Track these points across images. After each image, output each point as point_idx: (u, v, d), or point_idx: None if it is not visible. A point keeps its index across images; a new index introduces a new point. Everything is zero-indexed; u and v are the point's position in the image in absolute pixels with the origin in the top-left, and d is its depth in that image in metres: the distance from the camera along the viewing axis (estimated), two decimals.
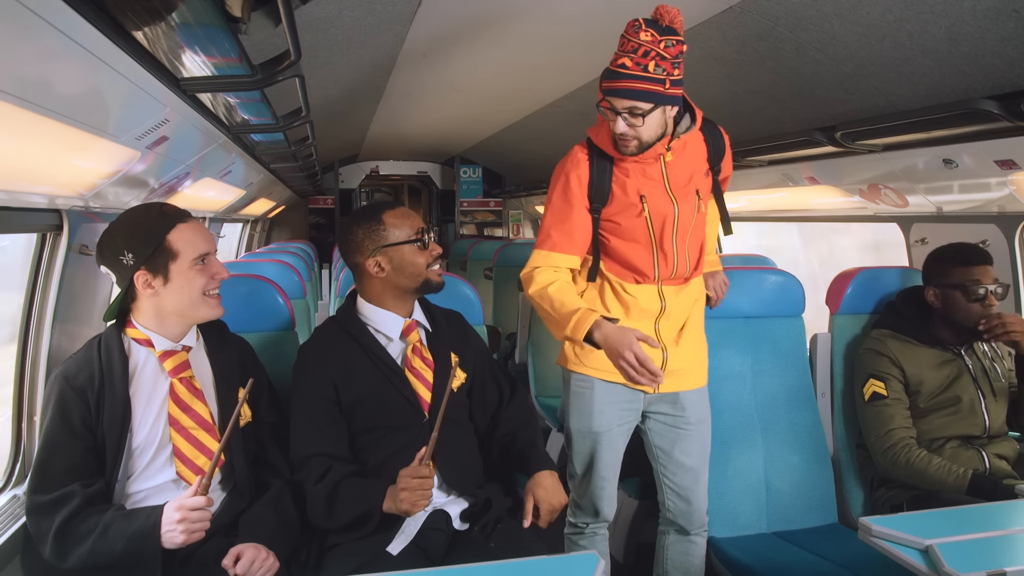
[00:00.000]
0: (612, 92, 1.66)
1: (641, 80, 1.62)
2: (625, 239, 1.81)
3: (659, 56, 1.61)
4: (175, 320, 1.57)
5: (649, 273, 1.82)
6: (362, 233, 1.70)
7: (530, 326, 3.67)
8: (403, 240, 1.69)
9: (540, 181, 6.52)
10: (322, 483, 1.59)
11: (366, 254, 1.69)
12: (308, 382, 1.68)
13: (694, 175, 1.81)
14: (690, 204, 1.81)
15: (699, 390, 1.92)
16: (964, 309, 2.04)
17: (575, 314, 1.68)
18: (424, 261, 1.71)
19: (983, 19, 1.64)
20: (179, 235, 1.54)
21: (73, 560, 1.40)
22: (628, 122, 1.67)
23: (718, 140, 1.86)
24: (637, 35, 1.61)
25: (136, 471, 1.51)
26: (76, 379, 1.49)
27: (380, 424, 1.67)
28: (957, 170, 2.21)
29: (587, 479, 1.91)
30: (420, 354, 1.72)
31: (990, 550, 1.26)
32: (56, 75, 1.24)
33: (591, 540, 1.97)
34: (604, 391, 1.86)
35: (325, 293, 5.56)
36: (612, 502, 1.95)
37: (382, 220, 1.70)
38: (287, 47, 1.53)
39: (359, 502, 1.57)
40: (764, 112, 2.67)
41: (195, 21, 1.41)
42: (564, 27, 2.61)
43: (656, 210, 1.78)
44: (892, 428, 2.04)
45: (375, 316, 1.73)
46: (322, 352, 1.70)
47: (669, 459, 1.91)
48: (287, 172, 4.66)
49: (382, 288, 1.72)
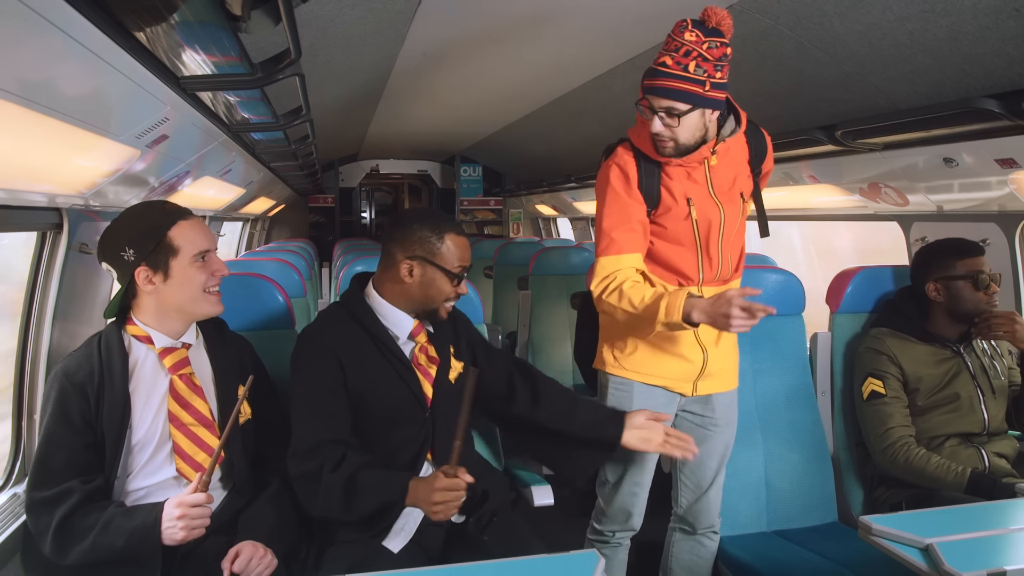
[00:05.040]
0: (650, 90, 1.64)
1: (680, 80, 1.60)
2: (670, 242, 1.78)
3: (701, 57, 1.58)
4: (175, 317, 1.57)
5: (693, 276, 1.80)
6: (420, 235, 1.65)
7: (530, 326, 3.68)
8: (446, 268, 1.66)
9: (540, 180, 6.52)
10: (338, 472, 1.53)
11: (408, 253, 1.65)
12: (315, 365, 1.62)
13: (737, 178, 1.79)
14: (735, 207, 1.79)
15: (730, 393, 1.92)
16: (972, 299, 2.06)
17: (662, 299, 1.63)
18: (447, 294, 1.68)
19: (983, 18, 1.64)
20: (180, 232, 1.54)
21: (73, 557, 1.40)
22: (664, 122, 1.65)
23: (760, 141, 1.84)
24: (682, 35, 1.59)
25: (136, 468, 1.52)
26: (76, 375, 1.50)
27: (384, 417, 1.66)
28: (957, 169, 2.21)
29: (619, 486, 1.89)
30: (427, 352, 1.71)
31: (990, 549, 1.26)
32: (56, 74, 1.24)
33: (615, 550, 1.95)
34: (643, 394, 1.85)
35: (325, 291, 5.56)
36: (642, 510, 1.92)
37: (443, 237, 1.66)
38: (287, 45, 1.53)
39: (380, 493, 1.53)
40: (764, 111, 2.67)
41: (195, 20, 1.41)
42: (564, 26, 2.61)
43: (702, 214, 1.75)
44: (891, 427, 2.04)
45: (386, 312, 1.70)
46: (331, 335, 1.65)
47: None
48: (287, 171, 4.66)
49: (400, 292, 1.69)
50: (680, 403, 1.88)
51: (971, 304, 2.06)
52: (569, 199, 6.56)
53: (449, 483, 1.49)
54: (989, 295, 2.05)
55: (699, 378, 1.85)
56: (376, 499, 1.53)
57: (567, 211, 7.24)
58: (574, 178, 5.45)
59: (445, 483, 1.49)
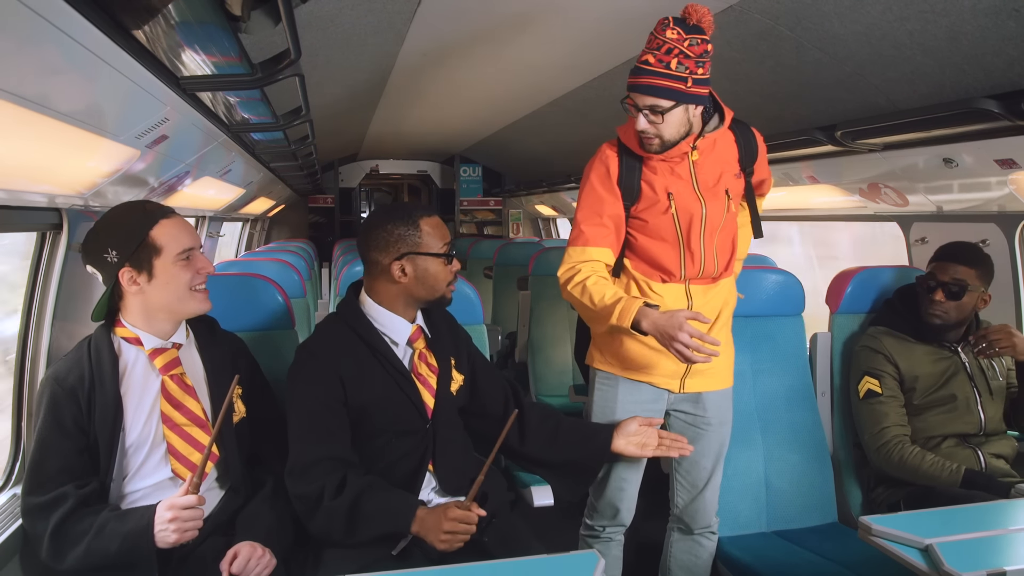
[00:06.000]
0: (634, 88, 1.66)
1: (662, 77, 1.62)
2: (652, 236, 1.80)
3: (682, 54, 1.60)
4: (163, 317, 1.57)
5: (675, 272, 1.81)
6: (396, 233, 1.62)
7: (530, 325, 3.67)
8: (434, 251, 1.64)
9: (540, 180, 6.52)
10: (341, 498, 1.50)
11: (392, 255, 1.63)
12: (315, 382, 1.59)
13: (723, 175, 1.80)
14: (719, 204, 1.79)
15: (723, 392, 1.91)
16: (921, 302, 2.09)
17: (618, 303, 1.66)
18: (446, 277, 1.67)
19: (983, 18, 1.64)
20: (162, 231, 1.53)
21: (69, 561, 1.40)
22: (649, 119, 1.66)
23: (750, 141, 1.85)
24: (663, 33, 1.61)
25: (131, 470, 1.51)
26: (66, 380, 1.49)
27: (386, 429, 1.64)
28: (957, 169, 2.21)
29: (607, 480, 1.90)
30: (426, 360, 1.70)
31: (990, 549, 1.26)
32: (56, 74, 1.24)
33: (607, 545, 1.96)
34: (628, 389, 1.86)
35: (325, 292, 5.57)
36: (631, 505, 1.93)
37: (419, 225, 1.63)
38: (287, 46, 1.52)
39: (385, 521, 1.51)
40: (764, 111, 2.67)
41: (195, 20, 1.42)
42: (564, 27, 2.61)
43: (683, 208, 1.77)
44: (886, 425, 2.04)
45: (383, 319, 1.67)
46: (330, 351, 1.63)
47: (685, 457, 1.90)
48: (287, 171, 4.66)
49: (397, 293, 1.66)
50: (669, 401, 1.89)
51: (920, 307, 2.09)
52: (569, 199, 6.56)
53: (462, 515, 1.48)
54: (932, 301, 2.05)
55: (686, 375, 1.85)
56: (382, 527, 1.51)
57: (567, 211, 7.24)
58: (574, 178, 5.45)
59: (458, 515, 1.48)
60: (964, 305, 2.04)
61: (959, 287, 2.02)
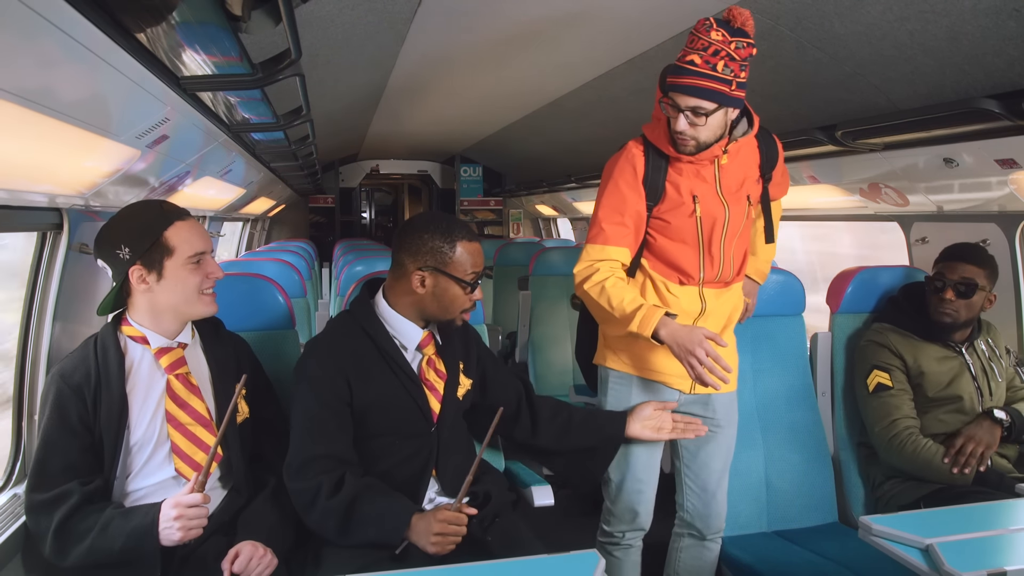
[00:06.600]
0: (677, 88, 1.63)
1: (709, 79, 1.60)
2: (673, 239, 1.78)
3: (729, 57, 1.59)
4: (169, 317, 1.57)
5: (694, 275, 1.79)
6: (430, 244, 1.61)
7: (530, 325, 3.67)
8: (457, 275, 1.62)
9: (540, 180, 6.52)
10: (337, 498, 1.51)
11: (419, 263, 1.62)
12: (321, 379, 1.59)
13: (746, 180, 1.80)
14: (740, 208, 1.79)
15: (730, 394, 1.91)
16: (930, 301, 2.09)
17: (639, 310, 1.65)
18: (462, 304, 1.66)
19: (984, 18, 1.64)
20: (176, 232, 1.54)
21: (73, 558, 1.40)
22: (690, 120, 1.64)
23: (771, 148, 1.85)
24: (708, 34, 1.59)
25: (135, 469, 1.52)
26: (72, 377, 1.50)
27: (390, 431, 1.64)
28: (957, 169, 2.21)
29: (624, 484, 1.89)
30: (434, 366, 1.70)
31: (990, 549, 1.26)
32: (57, 74, 1.24)
33: (627, 551, 1.95)
34: (642, 388, 1.86)
35: (325, 292, 5.56)
36: (650, 508, 1.92)
37: (455, 245, 1.62)
38: (287, 46, 1.52)
39: (380, 525, 1.51)
40: (764, 111, 2.66)
41: (195, 20, 1.41)
42: (564, 28, 2.61)
43: (707, 211, 1.75)
44: (897, 417, 2.04)
45: (396, 322, 1.67)
46: (339, 350, 1.62)
47: (694, 460, 1.90)
48: (287, 171, 4.66)
49: (411, 302, 1.66)
50: (679, 404, 1.88)
51: (929, 307, 2.10)
52: (569, 199, 6.56)
53: (451, 516, 1.49)
54: (942, 300, 2.06)
55: None
56: (375, 535, 1.52)
57: (567, 211, 7.25)
58: (574, 178, 5.45)
59: (447, 516, 1.49)
60: (973, 304, 2.05)
61: (968, 286, 2.04)
